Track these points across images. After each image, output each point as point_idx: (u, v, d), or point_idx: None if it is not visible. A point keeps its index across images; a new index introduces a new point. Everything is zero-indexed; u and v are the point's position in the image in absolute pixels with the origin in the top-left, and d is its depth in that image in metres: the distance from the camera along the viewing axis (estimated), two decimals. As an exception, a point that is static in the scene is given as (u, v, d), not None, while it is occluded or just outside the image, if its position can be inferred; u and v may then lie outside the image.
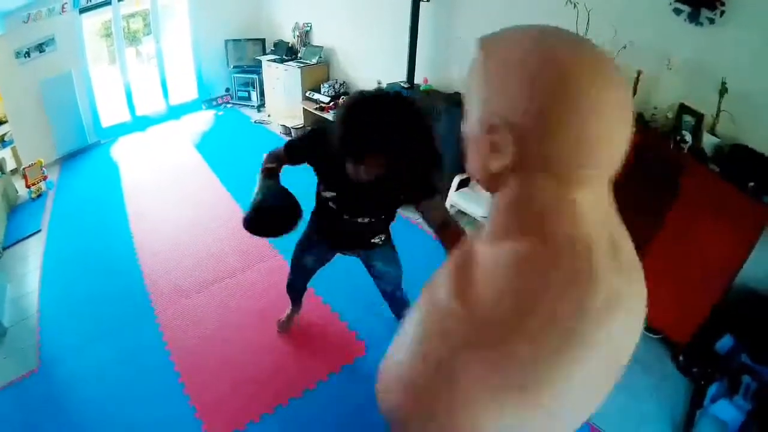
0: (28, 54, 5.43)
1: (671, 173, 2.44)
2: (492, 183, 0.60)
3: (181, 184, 4.79)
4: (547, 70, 0.50)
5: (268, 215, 1.81)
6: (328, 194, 1.87)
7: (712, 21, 2.35)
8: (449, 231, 1.67)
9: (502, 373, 0.49)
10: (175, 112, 6.86)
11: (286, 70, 5.82)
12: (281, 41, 6.24)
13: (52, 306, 3.27)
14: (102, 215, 4.42)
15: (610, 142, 0.52)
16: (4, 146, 5.48)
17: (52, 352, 2.85)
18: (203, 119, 6.75)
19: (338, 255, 2.32)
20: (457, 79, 4.14)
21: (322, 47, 5.69)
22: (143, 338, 2.87)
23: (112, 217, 4.36)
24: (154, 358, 2.73)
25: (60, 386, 2.63)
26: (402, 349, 0.57)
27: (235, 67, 6.81)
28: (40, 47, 5.48)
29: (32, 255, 3.92)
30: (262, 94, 6.71)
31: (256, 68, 6.55)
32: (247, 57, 6.71)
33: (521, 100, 0.51)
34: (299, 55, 5.95)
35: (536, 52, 0.51)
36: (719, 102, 2.34)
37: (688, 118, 2.48)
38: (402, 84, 4.40)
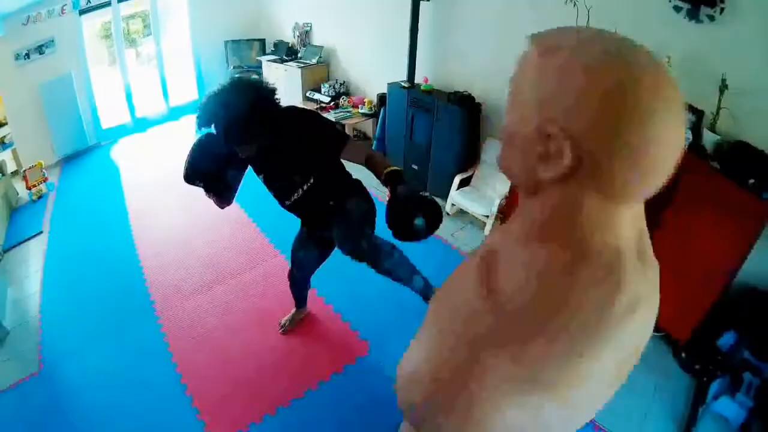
0: (27, 56, 5.43)
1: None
2: (533, 187, 0.58)
3: (182, 185, 4.70)
4: (618, 85, 0.48)
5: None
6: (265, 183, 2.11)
7: (712, 18, 2.34)
8: (375, 160, 1.89)
9: (526, 367, 0.51)
10: (176, 113, 6.87)
11: (286, 70, 5.82)
12: (281, 41, 6.24)
13: (54, 308, 3.27)
14: (103, 216, 4.44)
15: (662, 164, 0.52)
16: (4, 148, 5.47)
17: (54, 354, 2.85)
18: (203, 120, 6.76)
19: (339, 258, 2.31)
20: (457, 78, 4.15)
21: (322, 47, 5.68)
22: (145, 340, 2.87)
23: (113, 218, 4.37)
24: (156, 359, 2.73)
25: (61, 389, 2.63)
26: (424, 344, 0.58)
27: (235, 68, 6.78)
28: (40, 49, 5.48)
29: (33, 257, 3.92)
30: (262, 94, 6.70)
31: (257, 69, 6.52)
32: (248, 58, 6.70)
33: (585, 112, 0.49)
34: (299, 55, 5.95)
35: (605, 62, 0.49)
36: (719, 99, 2.34)
37: (688, 116, 2.47)
38: (402, 84, 4.40)
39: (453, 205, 4.15)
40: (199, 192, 2.14)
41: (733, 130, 2.38)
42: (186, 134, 6.24)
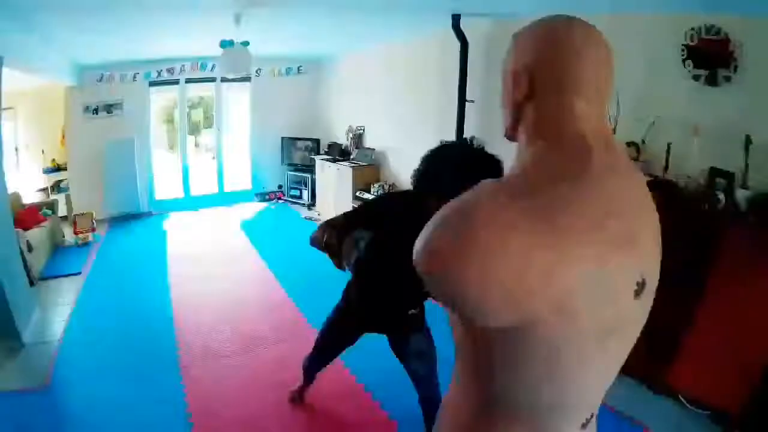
0: (96, 111, 6.15)
1: (708, 235, 2.39)
2: (517, 115, 0.80)
3: (226, 261, 4.94)
4: (544, 31, 0.76)
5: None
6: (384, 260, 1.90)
7: (728, 79, 2.46)
8: None
9: (525, 215, 0.60)
10: (228, 199, 7.43)
11: (338, 169, 6.14)
12: (335, 143, 6.76)
13: (76, 338, 3.32)
14: (143, 275, 4.59)
15: (592, 74, 0.73)
16: (59, 191, 6.13)
17: (65, 377, 2.85)
18: (254, 209, 7.21)
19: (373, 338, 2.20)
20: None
21: (373, 149, 6.08)
22: (162, 389, 2.76)
23: (153, 277, 4.51)
24: (169, 408, 2.59)
25: (63, 407, 2.61)
26: (431, 224, 0.64)
27: (289, 164, 7.37)
28: (108, 108, 6.20)
29: (67, 292, 4.08)
30: (313, 194, 7.08)
31: (309, 168, 7.05)
32: (302, 155, 7.27)
33: (530, 52, 0.76)
34: (352, 156, 6.35)
35: (540, 25, 0.78)
36: (746, 155, 2.36)
37: (720, 180, 2.48)
38: None
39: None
40: (242, 270, 2.13)
41: (764, 183, 2.35)
42: (236, 218, 6.64)
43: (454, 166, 1.61)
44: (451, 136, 4.34)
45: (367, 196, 5.71)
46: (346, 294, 2.16)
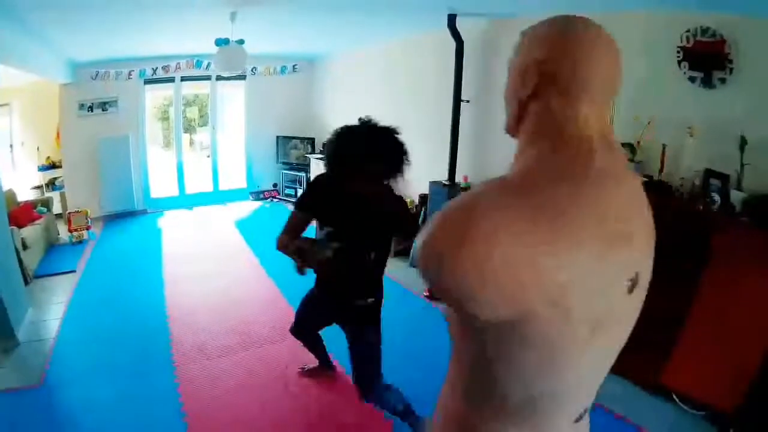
0: (90, 109, 6.10)
1: (701, 236, 2.40)
2: (520, 113, 0.81)
3: (221, 260, 4.94)
4: (555, 30, 0.75)
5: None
6: (327, 229, 2.03)
7: (723, 81, 2.48)
8: None
9: (524, 212, 0.62)
10: (223, 198, 7.39)
11: None
12: (330, 141, 6.77)
13: (71, 336, 3.30)
14: (138, 274, 4.57)
15: (600, 75, 0.74)
16: (54, 189, 6.08)
17: (59, 375, 2.83)
18: (249, 208, 7.16)
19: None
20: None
21: (368, 148, 6.10)
22: (157, 388, 2.74)
23: (148, 275, 4.50)
24: (164, 408, 2.57)
25: (57, 407, 2.58)
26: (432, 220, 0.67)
27: (284, 163, 7.36)
28: (103, 106, 6.16)
29: (62, 290, 4.06)
30: (308, 191, 7.07)
31: (304, 166, 7.04)
32: (297, 154, 7.27)
33: (540, 50, 0.75)
34: (346, 155, 6.37)
35: (550, 23, 0.77)
36: (741, 157, 2.37)
37: (714, 182, 2.49)
38: (443, 182, 4.49)
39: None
40: (237, 269, 2.20)
41: (759, 184, 2.37)
42: (231, 217, 6.61)
43: (363, 143, 1.83)
44: (447, 135, 4.40)
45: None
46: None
